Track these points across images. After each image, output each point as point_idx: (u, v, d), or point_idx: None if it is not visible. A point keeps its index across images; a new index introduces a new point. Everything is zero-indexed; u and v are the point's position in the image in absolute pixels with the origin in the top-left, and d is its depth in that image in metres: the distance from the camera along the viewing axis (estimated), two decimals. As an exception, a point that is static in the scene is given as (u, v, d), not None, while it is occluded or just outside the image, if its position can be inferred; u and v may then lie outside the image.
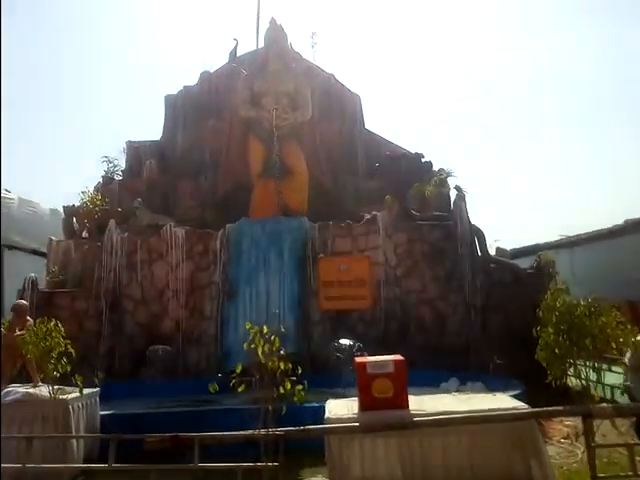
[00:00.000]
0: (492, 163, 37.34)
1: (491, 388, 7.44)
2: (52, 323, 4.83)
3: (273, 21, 11.78)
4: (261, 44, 12.76)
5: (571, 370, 4.38)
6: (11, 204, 14.65)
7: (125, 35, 38.91)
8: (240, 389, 4.11)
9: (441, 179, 10.73)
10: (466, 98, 39.16)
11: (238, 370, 4.11)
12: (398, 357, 4.12)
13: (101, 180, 12.17)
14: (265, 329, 4.17)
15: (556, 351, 4.22)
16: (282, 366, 4.01)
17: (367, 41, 39.53)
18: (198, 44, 36.88)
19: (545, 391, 4.77)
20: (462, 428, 3.75)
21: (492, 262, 9.76)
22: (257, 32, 13.51)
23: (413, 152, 11.46)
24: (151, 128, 12.86)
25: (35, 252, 14.51)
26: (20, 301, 5.95)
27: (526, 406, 4.03)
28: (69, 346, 4.80)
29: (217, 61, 13.21)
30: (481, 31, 39.27)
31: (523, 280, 9.52)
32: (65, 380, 5.14)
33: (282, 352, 4.11)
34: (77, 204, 10.65)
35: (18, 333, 5.40)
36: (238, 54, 13.33)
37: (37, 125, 34.99)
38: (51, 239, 10.46)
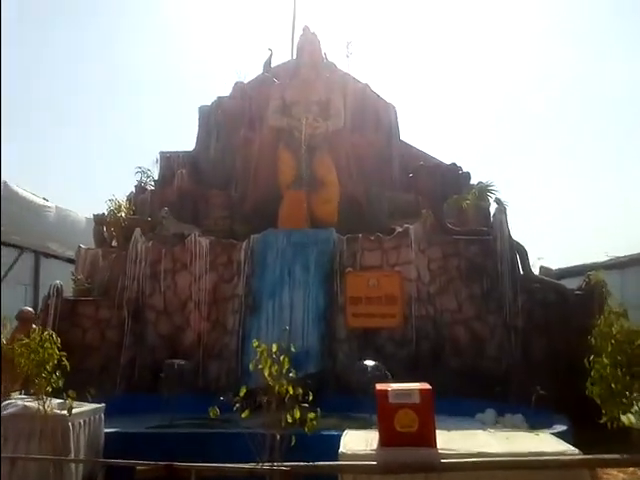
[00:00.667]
0: (536, 177, 35.91)
1: (532, 422, 6.73)
2: (46, 333, 4.52)
3: (306, 29, 11.57)
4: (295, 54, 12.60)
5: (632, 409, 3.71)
6: (48, 213, 14.93)
7: (161, 47, 40.06)
8: (244, 415, 3.70)
9: (480, 191, 10.10)
10: (509, 108, 38.02)
11: (241, 393, 3.70)
12: (425, 386, 3.59)
13: (134, 190, 12.20)
14: (274, 348, 3.75)
15: (613, 386, 3.59)
16: (291, 391, 3.57)
17: (403, 50, 39.20)
18: (233, 55, 37.45)
19: (596, 428, 4.11)
20: (498, 474, 3.19)
21: (535, 281, 9.00)
22: (292, 42, 13.32)
23: (449, 163, 10.88)
24: (186, 139, 12.84)
25: (70, 260, 14.70)
26: (25, 308, 5.79)
27: (576, 450, 3.41)
28: (64, 358, 4.47)
29: (251, 72, 13.12)
30: (524, 40, 38.24)
31: (570, 302, 8.71)
32: (80, 395, 4.87)
33: (292, 374, 3.68)
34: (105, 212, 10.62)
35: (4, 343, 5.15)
36: (273, 64, 13.21)
37: (76, 136, 36.28)
38: (80, 247, 10.47)
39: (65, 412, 4.31)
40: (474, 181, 10.71)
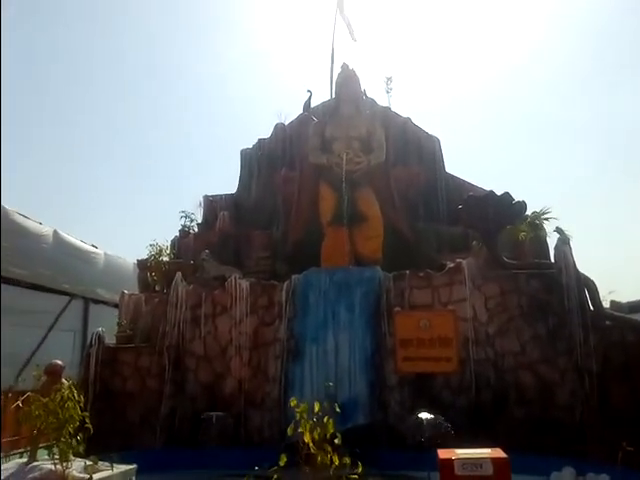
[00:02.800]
0: (593, 204, 34.05)
1: (623, 485, 5.76)
2: (67, 392, 4.17)
3: (345, 66, 11.50)
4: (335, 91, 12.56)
5: None
6: (97, 259, 15.21)
7: (207, 94, 41.76)
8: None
9: (537, 221, 9.32)
10: (568, 133, 36.65)
11: (282, 462, 3.18)
12: (499, 453, 2.96)
13: (178, 234, 12.24)
14: (317, 407, 3.24)
15: None
16: (336, 461, 3.02)
17: (444, 82, 39.02)
18: (275, 97, 38.49)
19: None
20: None
21: (608, 318, 8.02)
22: (331, 81, 13.32)
23: (502, 193, 10.19)
24: (230, 182, 12.89)
25: (117, 306, 14.82)
26: (54, 361, 5.53)
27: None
28: (87, 420, 4.09)
29: (292, 113, 13.17)
30: (585, 65, 37.26)
31: (652, 341, 7.67)
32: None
33: (337, 440, 3.13)
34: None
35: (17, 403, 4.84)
36: (312, 105, 13.22)
37: (125, 184, 37.91)
38: (123, 292, 10.42)
39: (86, 476, 3.89)
40: (529, 211, 9.95)
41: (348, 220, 9.80)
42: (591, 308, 8.06)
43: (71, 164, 36.06)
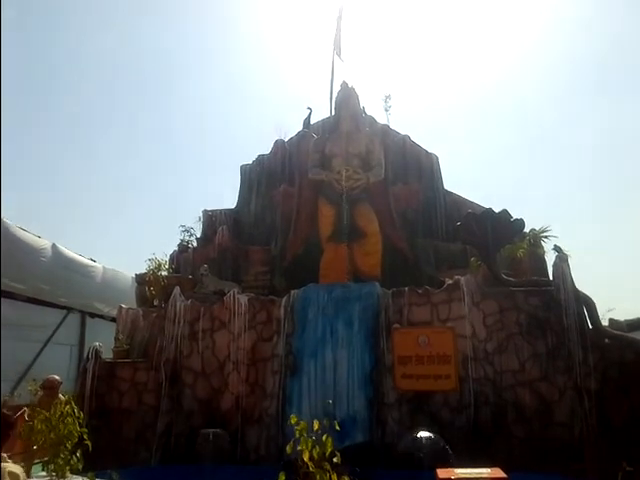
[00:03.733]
0: (592, 221, 34.19)
1: (623, 506, 5.70)
2: (67, 407, 4.14)
3: (344, 84, 11.66)
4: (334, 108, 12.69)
5: None
6: (95, 273, 15.19)
7: (207, 108, 42.11)
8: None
9: (535, 238, 9.37)
10: (569, 151, 36.93)
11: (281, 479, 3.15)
12: (498, 473, 2.95)
13: (177, 249, 12.25)
14: (316, 425, 3.23)
15: None
16: (335, 479, 3.00)
17: (442, 99, 39.42)
18: (274, 114, 38.85)
19: None
20: None
21: (607, 336, 8.00)
22: (331, 98, 13.48)
23: (500, 210, 10.26)
24: (231, 199, 12.95)
25: (115, 320, 14.76)
26: (51, 377, 5.49)
27: None
28: (85, 437, 4.06)
29: (291, 130, 13.30)
30: (582, 78, 37.73)
31: (651, 360, 7.65)
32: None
33: (336, 459, 3.11)
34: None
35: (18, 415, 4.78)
36: (312, 121, 13.36)
37: (124, 198, 38.00)
38: (121, 307, 10.38)
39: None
40: (528, 228, 10.00)
41: (347, 236, 9.84)
42: (590, 326, 8.05)
43: (70, 177, 36.20)
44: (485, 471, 2.97)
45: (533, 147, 37.76)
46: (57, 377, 5.51)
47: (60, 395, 5.52)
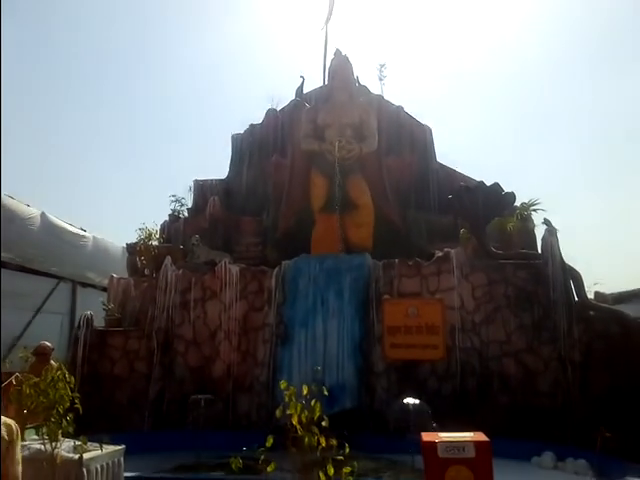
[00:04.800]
0: (580, 197, 34.37)
1: (600, 470, 5.93)
2: (58, 372, 4.17)
3: (338, 52, 11.41)
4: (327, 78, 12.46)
5: None
6: (86, 242, 15.09)
7: (195, 78, 41.24)
8: (270, 468, 3.22)
9: (525, 212, 9.42)
10: (554, 122, 36.80)
11: (268, 444, 3.23)
12: (481, 437, 3.03)
13: (168, 219, 12.17)
14: (305, 390, 3.29)
15: None
16: (323, 442, 3.08)
17: (437, 69, 38.90)
18: (266, 83, 38.12)
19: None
20: None
21: (592, 309, 8.17)
22: (324, 67, 13.23)
23: (492, 183, 10.28)
24: (222, 168, 12.76)
25: (106, 289, 14.75)
26: (42, 343, 5.52)
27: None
28: (77, 401, 4.10)
29: (284, 98, 13.05)
30: (572, 55, 37.32)
31: (633, 332, 7.82)
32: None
33: (324, 423, 3.19)
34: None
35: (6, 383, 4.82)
36: (305, 91, 13.12)
37: (113, 166, 37.44)
38: (112, 276, 10.37)
39: (74, 456, 3.91)
40: (519, 202, 10.04)
41: (339, 207, 9.81)
42: (576, 299, 8.20)
43: (60, 146, 35.52)
44: (468, 435, 3.06)
45: (529, 121, 37.56)
46: (49, 343, 5.54)
47: (52, 361, 5.56)
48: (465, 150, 33.58)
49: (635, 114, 32.72)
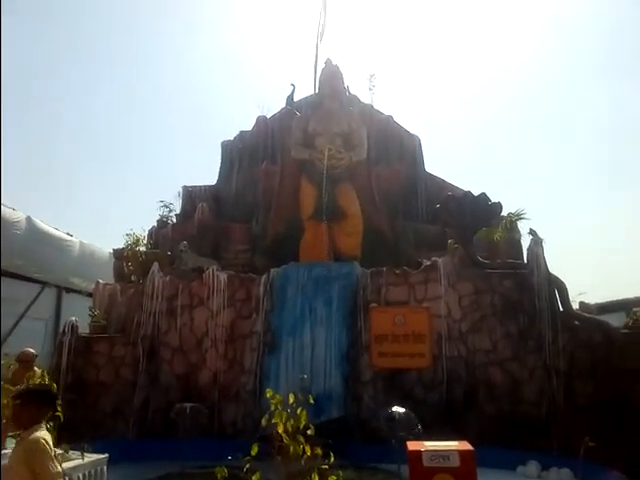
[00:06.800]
0: (561, 207, 34.83)
1: (582, 479, 5.99)
2: (38, 380, 4.12)
3: (328, 61, 11.52)
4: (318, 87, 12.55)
5: None
6: (72, 248, 14.94)
7: (186, 85, 41.20)
8: (255, 478, 3.21)
9: (511, 223, 9.53)
10: (540, 134, 37.31)
11: (254, 452, 3.23)
12: (465, 446, 3.06)
13: (156, 224, 12.09)
14: (291, 398, 3.29)
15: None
16: (308, 451, 3.08)
17: (425, 81, 39.29)
18: (257, 90, 38.18)
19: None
20: None
21: (577, 319, 8.27)
22: (315, 76, 13.33)
23: (479, 193, 10.40)
24: (211, 175, 12.73)
25: (92, 295, 14.59)
26: (25, 350, 5.45)
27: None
28: (58, 408, 4.04)
29: (274, 106, 13.10)
30: (552, 65, 37.95)
31: (616, 342, 7.94)
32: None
33: (310, 431, 3.19)
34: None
35: None
36: (295, 99, 13.19)
37: (101, 172, 37.18)
38: (98, 282, 10.27)
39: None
40: (505, 212, 10.17)
41: (328, 216, 9.85)
42: (561, 308, 8.31)
43: (48, 150, 35.21)
44: (453, 444, 3.09)
45: (516, 131, 38.09)
46: (32, 350, 5.46)
47: (35, 368, 5.48)
48: (454, 160, 33.93)
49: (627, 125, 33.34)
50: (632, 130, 32.42)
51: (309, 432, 3.10)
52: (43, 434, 2.95)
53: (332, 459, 3.14)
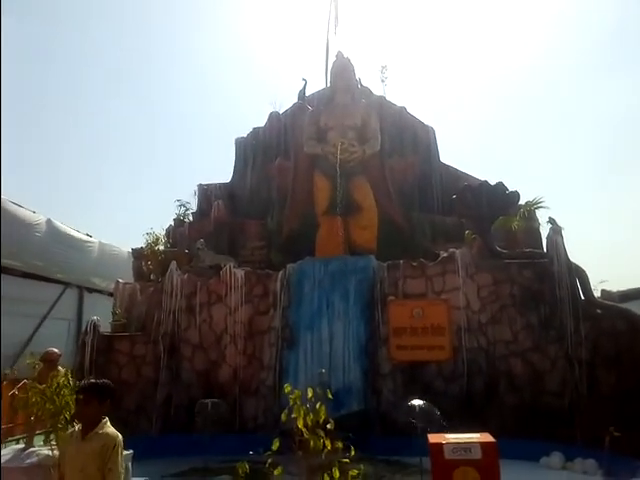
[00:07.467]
0: (586, 194, 34.21)
1: (609, 470, 5.89)
2: (62, 379, 4.20)
3: (340, 54, 11.44)
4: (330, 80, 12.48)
5: None
6: (92, 248, 15.18)
7: (200, 85, 41.39)
8: (277, 472, 3.23)
9: (529, 211, 9.38)
10: (560, 121, 36.68)
11: (275, 447, 3.24)
12: (487, 437, 3.02)
13: (173, 223, 12.22)
14: (310, 393, 3.29)
15: None
16: (329, 445, 3.08)
17: (440, 70, 38.87)
18: (269, 86, 38.24)
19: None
20: None
21: (599, 307, 8.11)
22: (326, 69, 13.26)
23: (496, 182, 10.24)
24: (226, 172, 12.79)
25: (112, 295, 14.81)
26: (50, 350, 5.54)
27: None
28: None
29: (286, 102, 13.09)
30: (569, 58, 37.20)
31: (641, 330, 7.77)
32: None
33: (329, 425, 3.19)
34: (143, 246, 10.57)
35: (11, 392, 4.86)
36: (307, 93, 13.15)
37: (120, 173, 37.66)
38: (118, 281, 10.40)
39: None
40: (523, 201, 10.00)
41: (343, 210, 9.82)
42: (582, 297, 8.15)
43: (66, 152, 35.77)
44: (475, 436, 3.05)
45: (532, 118, 37.44)
46: (56, 350, 5.57)
47: (59, 367, 5.59)
48: (469, 150, 33.51)
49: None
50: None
51: (329, 426, 3.10)
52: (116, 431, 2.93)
53: (353, 452, 3.13)
